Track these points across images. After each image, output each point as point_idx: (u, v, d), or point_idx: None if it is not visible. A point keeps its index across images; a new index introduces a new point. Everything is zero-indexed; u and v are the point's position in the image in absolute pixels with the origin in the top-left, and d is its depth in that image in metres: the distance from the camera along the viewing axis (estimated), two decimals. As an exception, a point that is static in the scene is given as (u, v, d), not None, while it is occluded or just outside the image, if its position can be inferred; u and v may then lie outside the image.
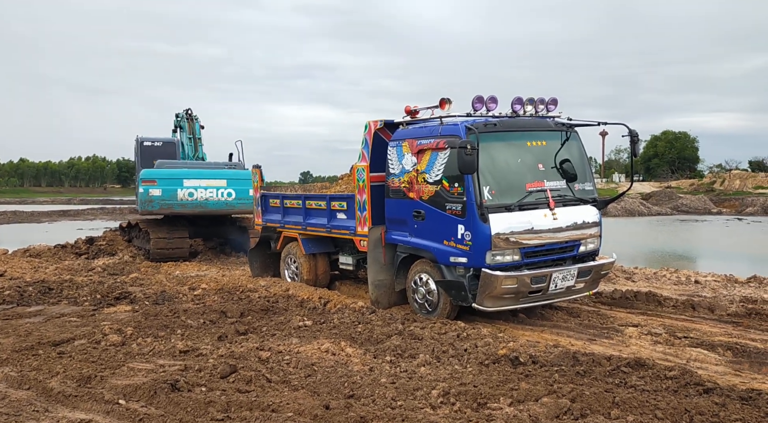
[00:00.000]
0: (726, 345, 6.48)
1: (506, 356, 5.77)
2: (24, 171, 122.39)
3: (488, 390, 4.92)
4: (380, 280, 8.37)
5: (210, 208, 14.45)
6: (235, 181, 14.62)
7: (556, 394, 4.76)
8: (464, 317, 7.65)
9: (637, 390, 4.98)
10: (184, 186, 14.28)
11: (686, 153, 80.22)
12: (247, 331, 7.13)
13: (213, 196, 14.37)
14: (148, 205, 14.04)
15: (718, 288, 10.12)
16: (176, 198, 14.17)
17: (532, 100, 7.71)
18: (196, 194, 14.29)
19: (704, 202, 44.13)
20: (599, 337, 6.98)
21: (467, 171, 6.71)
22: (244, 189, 14.33)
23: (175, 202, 14.18)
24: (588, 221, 7.66)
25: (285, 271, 10.46)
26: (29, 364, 5.92)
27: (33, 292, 9.76)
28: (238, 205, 14.56)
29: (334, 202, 9.22)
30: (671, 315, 8.07)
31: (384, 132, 8.47)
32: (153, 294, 9.62)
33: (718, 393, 4.86)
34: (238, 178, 14.66)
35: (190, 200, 14.31)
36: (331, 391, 5.10)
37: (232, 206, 14.53)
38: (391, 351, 6.17)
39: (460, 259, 7.19)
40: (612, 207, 37.30)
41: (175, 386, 5.05)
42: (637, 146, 7.99)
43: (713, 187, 56.68)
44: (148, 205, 14.05)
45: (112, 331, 6.96)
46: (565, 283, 7.42)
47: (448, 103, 7.55)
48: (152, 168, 14.75)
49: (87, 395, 5.04)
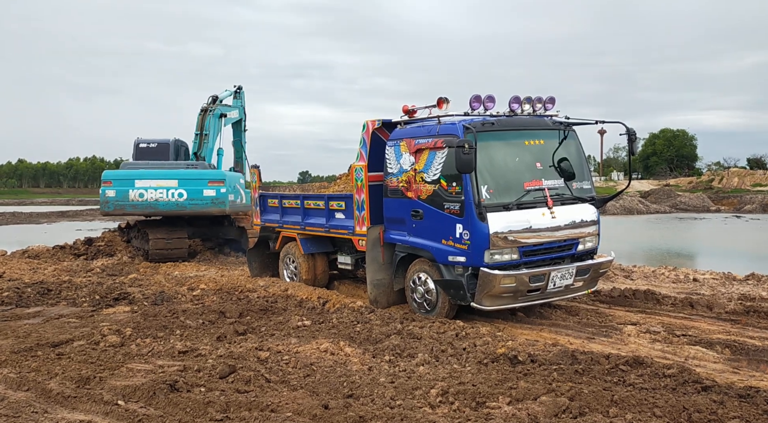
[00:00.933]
0: (724, 343, 6.50)
1: (505, 355, 5.78)
2: (22, 172, 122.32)
3: (487, 389, 4.93)
4: (379, 280, 8.37)
5: (160, 209, 14.30)
6: (186, 181, 14.20)
7: (554, 393, 4.77)
8: (463, 316, 7.66)
9: (636, 388, 4.99)
10: (135, 187, 14.16)
11: (684, 151, 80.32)
12: (246, 332, 7.13)
13: (163, 196, 14.12)
14: (105, 205, 14.18)
15: (717, 286, 10.13)
16: (128, 199, 14.11)
17: (530, 98, 7.71)
18: (146, 195, 14.14)
19: (703, 200, 44.19)
20: (598, 336, 6.99)
21: (465, 170, 6.72)
22: (197, 189, 14.07)
23: (126, 203, 14.15)
24: (586, 220, 7.66)
25: (284, 271, 10.46)
26: (28, 366, 5.92)
27: (32, 293, 9.75)
28: (189, 206, 14.14)
29: (333, 202, 9.22)
30: (670, 313, 8.08)
31: (382, 131, 8.47)
32: (152, 294, 9.62)
33: (717, 391, 4.87)
34: (191, 178, 14.25)
35: (140, 201, 14.18)
36: (330, 390, 5.11)
37: (183, 207, 14.18)
38: (390, 350, 6.18)
39: (459, 258, 7.20)
40: (611, 205, 37.34)
41: (174, 387, 5.06)
42: (634, 144, 7.99)
43: (712, 185, 56.76)
44: (105, 205, 14.17)
45: (111, 332, 6.95)
46: (564, 282, 7.43)
47: (446, 103, 7.56)
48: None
49: (86, 396, 5.04)
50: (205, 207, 14.24)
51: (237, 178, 15.76)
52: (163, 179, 14.22)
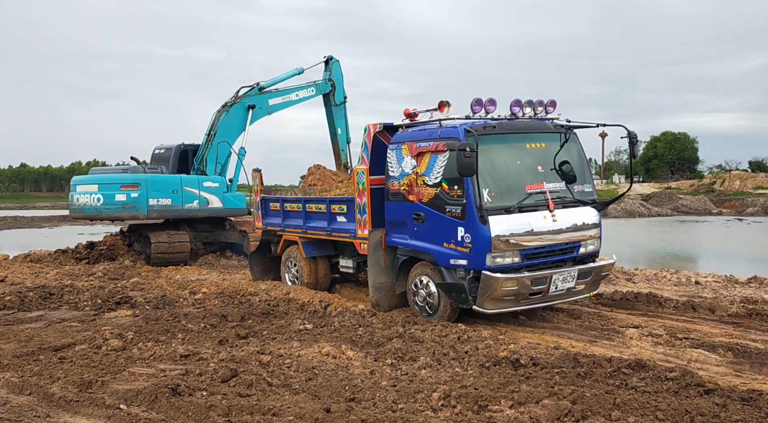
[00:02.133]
0: (727, 346, 6.48)
1: (507, 358, 5.77)
2: (24, 176, 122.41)
3: (489, 392, 4.92)
4: (381, 283, 8.37)
5: (87, 214, 14.57)
6: (103, 186, 14.22)
7: (557, 396, 4.76)
8: (465, 319, 7.65)
9: (638, 391, 4.98)
10: (76, 191, 14.68)
11: (686, 154, 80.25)
12: (248, 335, 7.13)
13: (88, 201, 14.39)
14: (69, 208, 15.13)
15: (719, 289, 10.11)
16: (72, 203, 14.78)
17: (531, 102, 7.73)
18: (81, 199, 14.54)
19: (704, 203, 44.09)
20: (600, 339, 6.98)
21: (466, 173, 6.73)
22: (110, 194, 14.09)
23: (72, 207, 14.86)
24: (588, 223, 7.66)
25: (285, 274, 10.46)
26: (30, 370, 5.93)
27: (34, 297, 9.76)
28: (104, 210, 14.20)
29: (334, 205, 9.23)
30: (672, 316, 8.07)
31: (383, 135, 8.49)
32: (153, 298, 9.62)
33: (719, 394, 4.86)
34: (107, 183, 14.26)
35: (77, 205, 14.64)
36: (332, 394, 5.10)
37: (99, 212, 14.28)
38: (392, 354, 6.17)
39: (461, 261, 7.20)
40: (612, 208, 37.29)
41: (176, 391, 5.06)
42: (636, 147, 8.00)
43: (713, 187, 56.68)
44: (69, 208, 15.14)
45: (112, 336, 6.95)
46: (566, 285, 7.42)
47: (447, 106, 7.57)
48: None
49: (88, 400, 5.04)
50: (117, 212, 14.22)
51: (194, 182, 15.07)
52: (89, 184, 14.56)
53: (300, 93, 15.48)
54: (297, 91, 15.48)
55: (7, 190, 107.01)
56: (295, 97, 15.52)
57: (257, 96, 15.34)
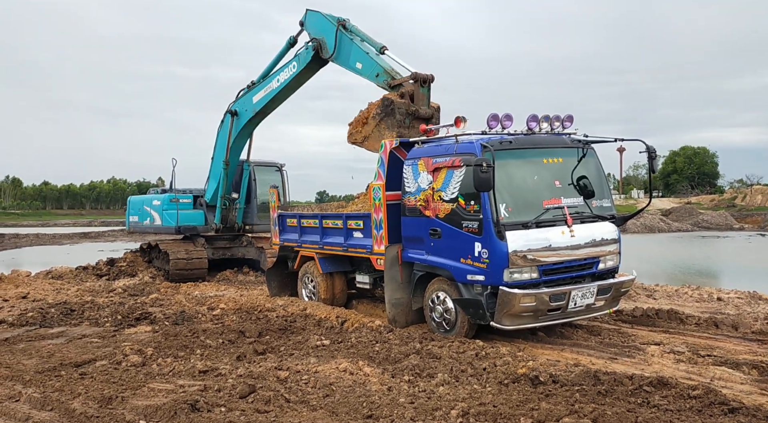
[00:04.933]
0: (751, 363, 6.35)
1: (526, 375, 5.71)
2: (47, 194, 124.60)
3: (508, 410, 4.87)
4: (397, 299, 8.36)
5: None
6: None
7: (577, 414, 4.70)
8: (482, 336, 7.59)
9: (660, 410, 4.89)
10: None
11: (706, 168, 79.35)
12: (266, 351, 7.15)
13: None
14: None
15: (742, 305, 9.93)
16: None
17: (548, 117, 7.73)
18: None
19: (725, 218, 43.48)
20: (620, 356, 6.88)
21: (483, 189, 6.73)
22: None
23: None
24: (606, 238, 7.60)
25: (302, 290, 10.49)
26: (52, 385, 5.99)
27: (55, 313, 9.89)
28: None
29: (351, 221, 9.26)
30: (694, 333, 7.93)
31: (399, 151, 8.53)
32: (172, 314, 9.70)
33: (744, 413, 4.76)
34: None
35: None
36: (349, 411, 5.08)
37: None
38: (410, 370, 6.14)
39: (478, 277, 7.17)
40: (631, 223, 36.91)
41: (195, 406, 5.08)
42: (654, 162, 7.94)
43: (734, 202, 55.87)
44: None
45: (132, 352, 7.02)
46: (585, 301, 7.34)
47: (463, 122, 7.60)
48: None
49: (108, 416, 5.08)
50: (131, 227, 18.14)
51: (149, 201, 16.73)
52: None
53: (281, 76, 12.40)
54: (277, 76, 12.51)
55: (30, 207, 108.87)
56: (276, 84, 12.56)
57: (240, 99, 13.69)
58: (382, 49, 10.56)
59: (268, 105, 13.10)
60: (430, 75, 9.80)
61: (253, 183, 16.03)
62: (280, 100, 13.01)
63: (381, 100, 9.50)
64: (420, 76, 9.66)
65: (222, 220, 15.54)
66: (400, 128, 9.29)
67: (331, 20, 11.15)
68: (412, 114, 9.42)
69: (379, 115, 9.48)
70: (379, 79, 10.21)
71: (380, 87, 10.19)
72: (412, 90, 9.57)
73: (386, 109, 9.46)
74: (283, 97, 12.95)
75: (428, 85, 9.76)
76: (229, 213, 15.74)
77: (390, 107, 9.41)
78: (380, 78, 10.19)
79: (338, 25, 10.99)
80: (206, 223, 15.82)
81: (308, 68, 11.90)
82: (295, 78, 12.17)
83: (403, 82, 9.73)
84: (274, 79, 12.62)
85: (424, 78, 9.69)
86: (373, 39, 10.85)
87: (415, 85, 9.61)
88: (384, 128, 9.44)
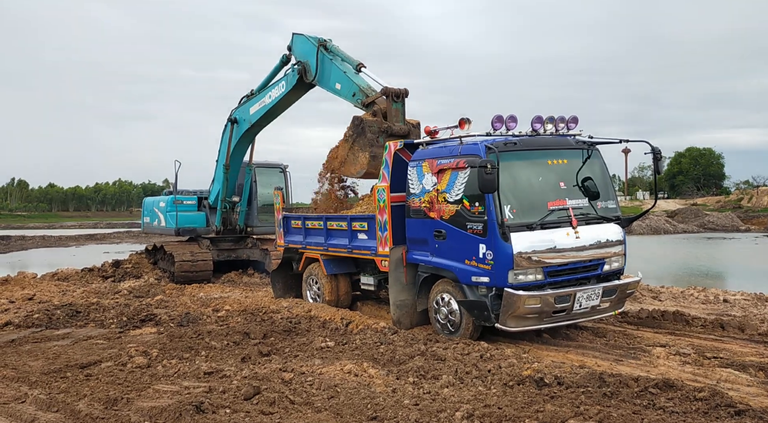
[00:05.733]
0: (758, 365, 6.32)
1: (531, 377, 5.70)
2: (53, 196, 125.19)
3: (513, 412, 4.86)
4: (402, 301, 8.35)
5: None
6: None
7: (582, 416, 4.68)
8: (487, 337, 7.58)
9: (666, 412, 4.87)
10: None
11: (711, 170, 79.05)
12: (270, 353, 7.16)
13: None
14: None
15: (748, 307, 9.88)
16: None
17: (552, 118, 7.72)
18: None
19: (732, 220, 43.26)
20: (626, 358, 6.85)
21: (488, 190, 6.72)
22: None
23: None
24: (612, 239, 7.58)
25: (307, 292, 10.49)
26: (57, 387, 6.01)
27: (61, 315, 9.92)
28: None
29: (355, 223, 9.26)
30: (700, 335, 7.90)
31: (404, 152, 8.53)
32: (177, 316, 9.72)
33: (751, 415, 4.73)
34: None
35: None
36: (354, 412, 5.08)
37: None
38: (414, 372, 6.13)
39: (482, 278, 7.16)
40: (637, 225, 36.76)
41: (199, 408, 5.08)
42: (660, 163, 7.91)
43: (740, 204, 55.60)
44: None
45: (137, 353, 7.04)
46: (590, 303, 7.32)
47: (468, 123, 7.59)
48: None
49: (114, 417, 5.09)
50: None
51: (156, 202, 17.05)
52: None
53: (272, 93, 12.78)
54: (269, 92, 12.86)
55: (36, 209, 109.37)
56: (269, 100, 12.94)
57: (240, 107, 13.90)
58: (359, 67, 10.56)
59: (262, 118, 13.36)
60: (403, 89, 9.59)
61: (254, 185, 16.16)
62: (273, 114, 13.25)
63: (351, 120, 9.39)
64: (391, 90, 9.46)
65: (223, 223, 15.65)
66: (373, 147, 9.12)
67: (313, 42, 11.25)
68: (384, 131, 9.25)
69: (351, 137, 9.38)
70: (356, 98, 10.15)
71: (357, 107, 10.10)
72: (385, 107, 9.43)
73: (357, 129, 9.35)
74: (276, 113, 13.19)
75: (402, 100, 9.55)
76: (230, 215, 15.84)
77: (360, 126, 9.28)
78: (356, 97, 10.14)
79: (319, 46, 11.08)
80: (208, 225, 15.94)
81: (295, 90, 12.12)
82: (283, 98, 12.42)
83: (375, 99, 9.58)
84: (267, 95, 12.92)
85: (396, 92, 9.49)
86: (350, 57, 10.84)
87: (388, 101, 9.45)
88: (357, 150, 9.33)
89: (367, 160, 9.13)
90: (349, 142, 9.43)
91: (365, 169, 9.23)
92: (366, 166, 9.20)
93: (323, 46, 11.07)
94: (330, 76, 10.94)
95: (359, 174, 9.37)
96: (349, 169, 9.48)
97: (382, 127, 9.26)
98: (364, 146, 9.23)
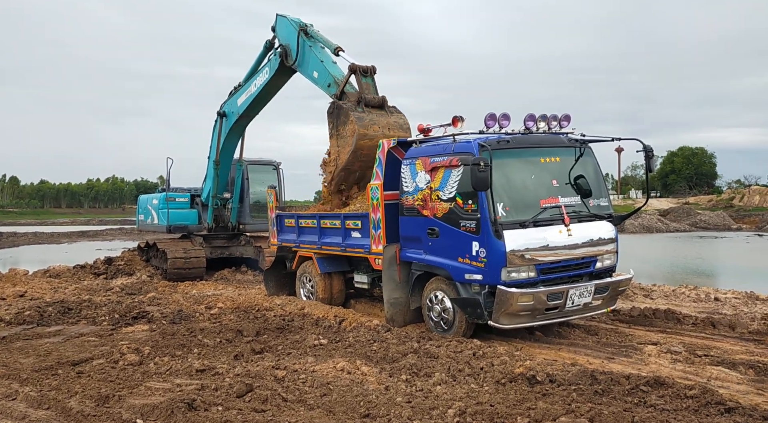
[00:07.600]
0: (748, 363, 6.37)
1: (523, 375, 5.72)
2: (45, 193, 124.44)
3: (505, 409, 4.88)
4: (395, 298, 8.36)
5: None
6: None
7: (574, 414, 4.70)
8: (480, 335, 7.60)
9: (657, 409, 4.91)
10: None
11: (704, 169, 79.43)
12: (263, 350, 7.15)
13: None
14: None
15: (739, 305, 9.95)
16: None
17: (545, 116, 7.74)
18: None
19: (723, 219, 43.50)
20: (618, 356, 6.89)
21: (481, 188, 6.73)
22: None
23: None
24: (604, 237, 7.61)
25: (300, 289, 10.49)
26: (48, 384, 5.99)
27: (53, 312, 9.88)
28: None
29: (349, 221, 9.26)
30: (691, 333, 7.95)
31: (397, 150, 8.53)
32: (170, 313, 9.69)
33: (740, 412, 4.77)
34: None
35: None
36: (346, 410, 5.08)
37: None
38: (407, 369, 6.14)
39: (475, 276, 7.17)
40: (629, 223, 36.93)
41: (192, 405, 5.07)
42: (652, 162, 7.95)
43: (732, 203, 55.91)
44: None
45: (129, 351, 7.01)
46: (582, 300, 7.36)
47: (461, 121, 7.60)
48: None
49: (105, 415, 5.07)
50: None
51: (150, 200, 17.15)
52: None
53: (257, 81, 12.61)
54: (255, 80, 12.71)
55: (28, 206, 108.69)
56: (254, 88, 12.75)
57: (229, 100, 13.81)
58: (337, 50, 10.50)
59: (250, 108, 13.21)
60: (371, 66, 9.83)
61: (246, 182, 16.10)
62: (260, 103, 13.10)
63: (327, 115, 9.60)
64: (358, 66, 9.67)
65: (215, 220, 15.61)
66: (353, 112, 9.25)
67: (294, 26, 11.14)
68: (359, 102, 9.43)
69: (333, 126, 9.55)
70: (331, 89, 10.12)
71: (332, 99, 10.04)
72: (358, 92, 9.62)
73: (333, 114, 9.56)
74: (262, 101, 13.05)
75: (371, 75, 9.78)
76: (222, 213, 15.78)
77: (335, 108, 9.48)
78: (331, 88, 10.12)
79: (299, 31, 10.97)
80: (200, 222, 15.87)
81: (279, 75, 11.97)
82: (268, 84, 12.28)
83: (343, 85, 9.75)
84: (252, 84, 12.78)
85: (364, 68, 9.71)
86: (329, 41, 10.78)
87: (357, 76, 9.65)
88: (342, 129, 9.44)
89: (354, 125, 9.16)
90: (334, 132, 9.57)
91: (356, 132, 9.18)
92: (356, 130, 9.17)
93: (304, 31, 11.00)
94: (309, 63, 10.89)
95: (354, 144, 9.25)
96: (344, 152, 9.44)
97: (356, 100, 9.46)
98: (345, 121, 9.37)
